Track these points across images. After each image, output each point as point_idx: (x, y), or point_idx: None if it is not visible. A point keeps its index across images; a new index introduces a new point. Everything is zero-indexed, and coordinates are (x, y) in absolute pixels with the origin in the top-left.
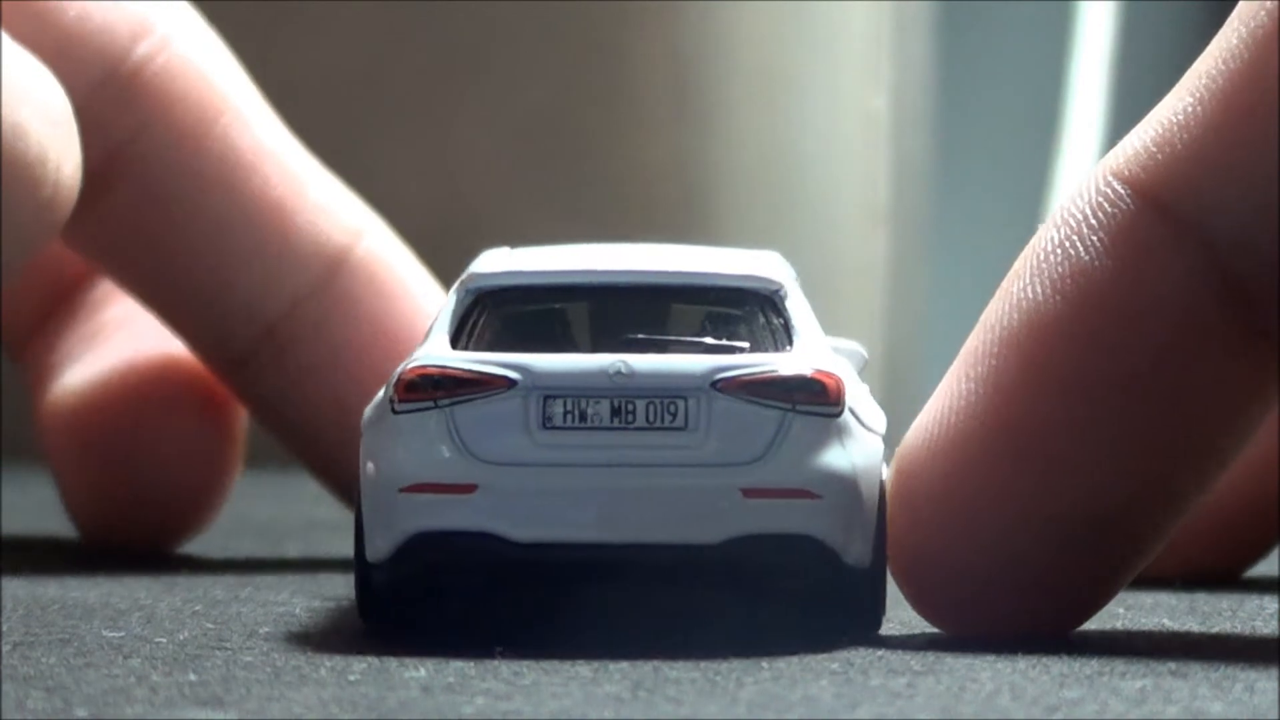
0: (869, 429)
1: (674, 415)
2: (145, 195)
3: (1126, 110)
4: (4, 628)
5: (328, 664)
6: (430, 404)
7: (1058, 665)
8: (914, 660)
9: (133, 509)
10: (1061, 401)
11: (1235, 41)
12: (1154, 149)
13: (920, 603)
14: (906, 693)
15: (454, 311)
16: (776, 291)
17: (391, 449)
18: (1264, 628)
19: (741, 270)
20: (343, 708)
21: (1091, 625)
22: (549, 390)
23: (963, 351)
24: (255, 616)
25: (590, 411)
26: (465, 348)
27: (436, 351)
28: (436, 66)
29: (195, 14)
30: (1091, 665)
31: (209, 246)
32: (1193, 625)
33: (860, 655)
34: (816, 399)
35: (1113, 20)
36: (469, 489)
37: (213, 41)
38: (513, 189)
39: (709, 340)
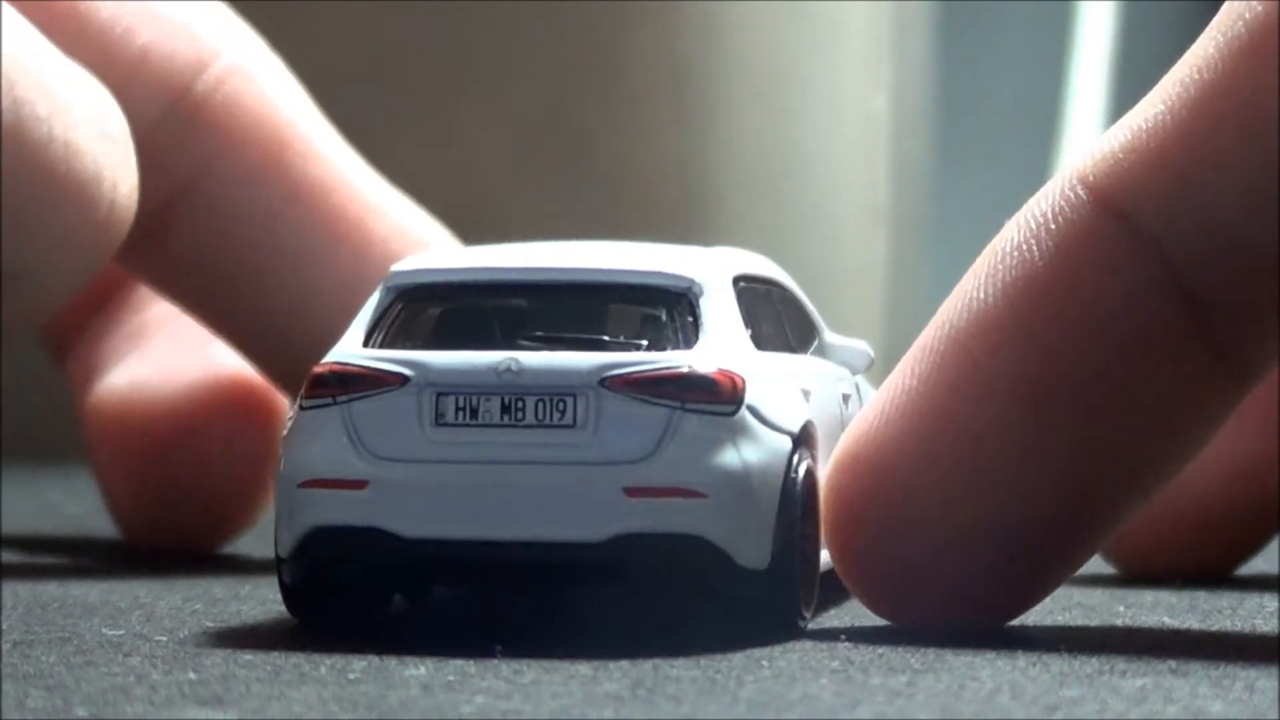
0: (773, 428)
1: (562, 413)
2: (216, 230)
3: (1126, 110)
4: (4, 626)
5: (327, 662)
6: (330, 400)
7: (1058, 664)
8: (914, 658)
9: (176, 510)
10: (1002, 406)
11: (1211, 50)
12: (1120, 154)
13: (860, 592)
14: (906, 691)
15: (374, 309)
16: (689, 289)
17: (295, 445)
18: (1264, 626)
19: (653, 268)
20: (343, 706)
21: (1091, 623)
22: (441, 387)
23: (913, 347)
24: (255, 615)
25: (482, 409)
26: (378, 344)
27: (345, 348)
28: (437, 67)
29: (257, 40)
30: (1091, 664)
31: (283, 280)
32: (1193, 624)
33: (860, 653)
34: (707, 397)
35: (1113, 20)
36: (360, 485)
37: (277, 67)
38: (513, 189)
39: (602, 337)
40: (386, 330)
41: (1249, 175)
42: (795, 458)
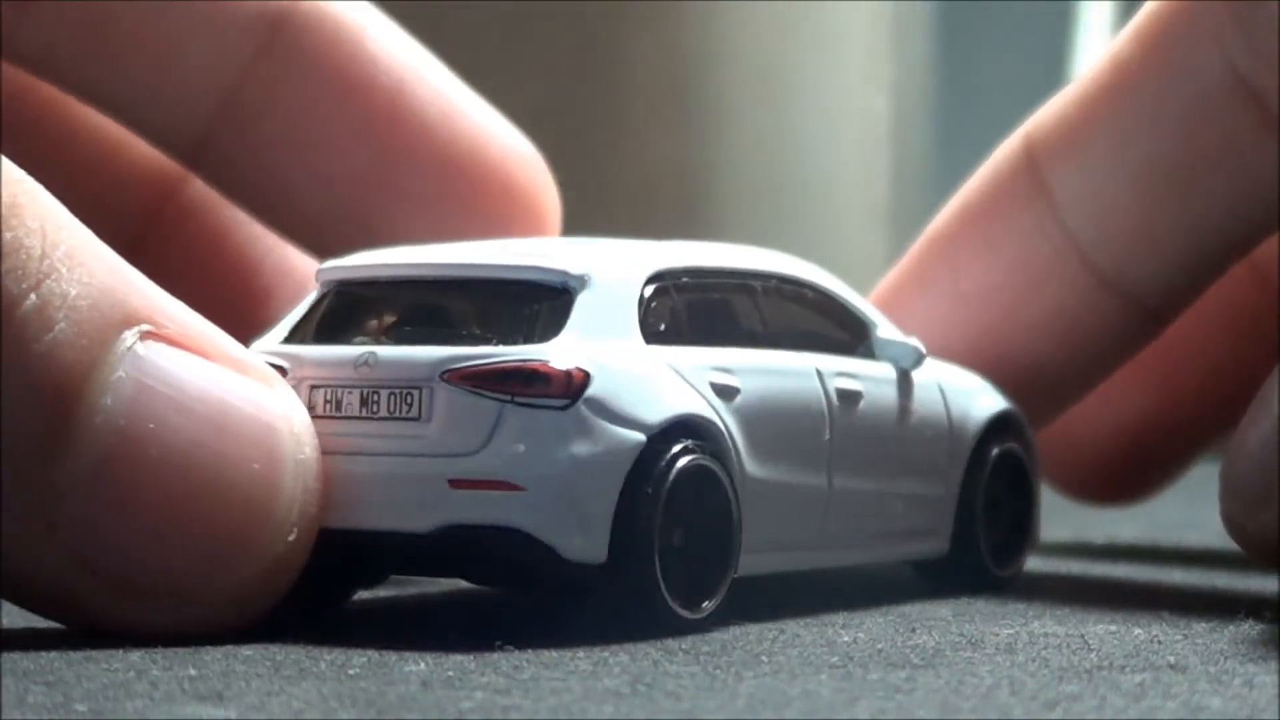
0: (621, 422)
1: (410, 405)
2: None
3: None
4: (4, 622)
5: (327, 658)
6: None
7: (1057, 659)
8: (913, 654)
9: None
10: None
11: (1119, 39)
12: (1044, 117)
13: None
14: (906, 687)
15: (307, 304)
16: (565, 284)
17: None
18: (1263, 623)
19: (533, 263)
20: (342, 702)
21: (1090, 620)
22: (313, 380)
23: None
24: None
25: (344, 401)
26: (300, 339)
27: (260, 341)
28: None
29: None
30: (1090, 660)
31: (143, 29)
32: (1192, 620)
33: (860, 649)
34: (537, 391)
35: (1113, 20)
36: None
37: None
38: None
39: (458, 331)
40: (306, 324)
41: (1119, 138)
42: (663, 452)
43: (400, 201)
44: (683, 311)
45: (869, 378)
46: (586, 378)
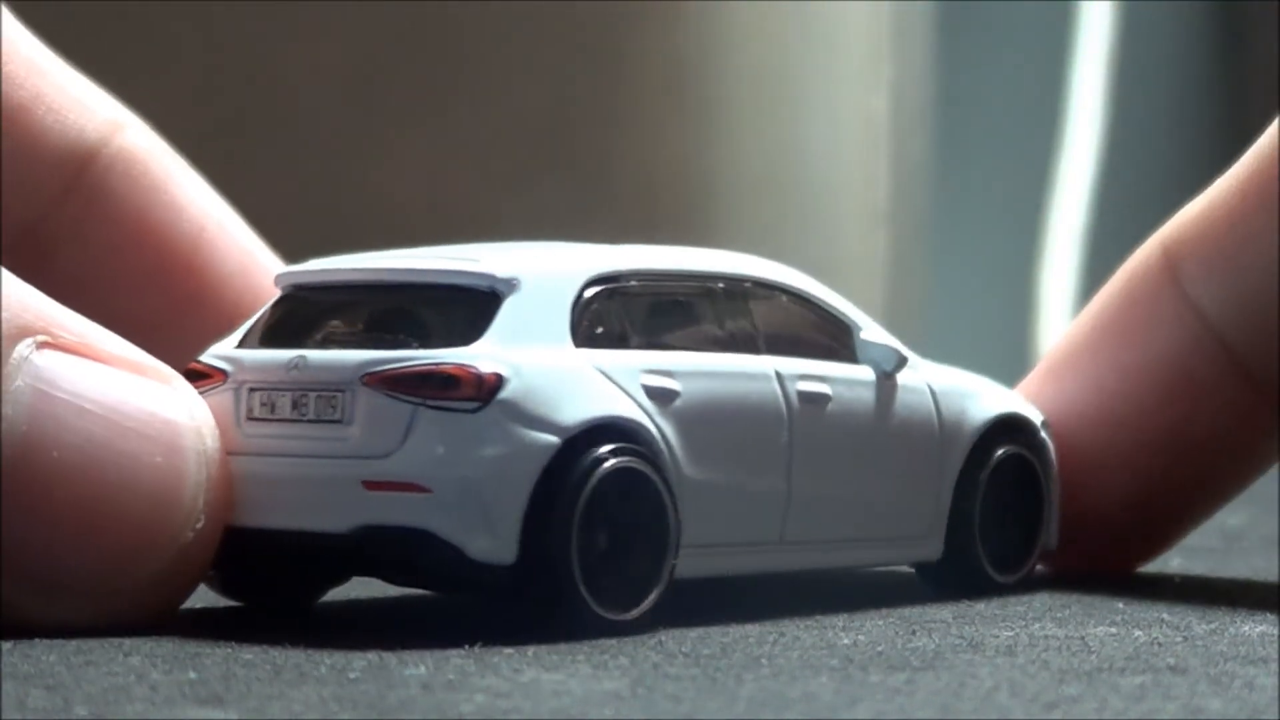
0: (534, 426)
1: (334, 408)
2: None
3: (1126, 110)
4: (4, 625)
5: (327, 661)
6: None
7: (1057, 661)
8: (913, 657)
9: None
10: (1081, 421)
11: (1264, 139)
12: (1183, 223)
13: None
14: (906, 689)
15: (264, 309)
16: (492, 288)
17: None
18: (1263, 624)
19: (463, 268)
20: (343, 705)
21: (1090, 622)
22: (251, 383)
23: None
24: (254, 614)
25: (278, 403)
26: (250, 344)
27: (216, 345)
28: (436, 67)
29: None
30: (1090, 661)
31: None
32: (1192, 621)
33: (860, 652)
34: (447, 394)
35: (1113, 20)
36: None
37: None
38: (513, 190)
39: (382, 335)
40: (258, 328)
41: (1272, 249)
42: (582, 454)
43: (191, 348)
44: (626, 315)
45: (841, 380)
46: (499, 381)
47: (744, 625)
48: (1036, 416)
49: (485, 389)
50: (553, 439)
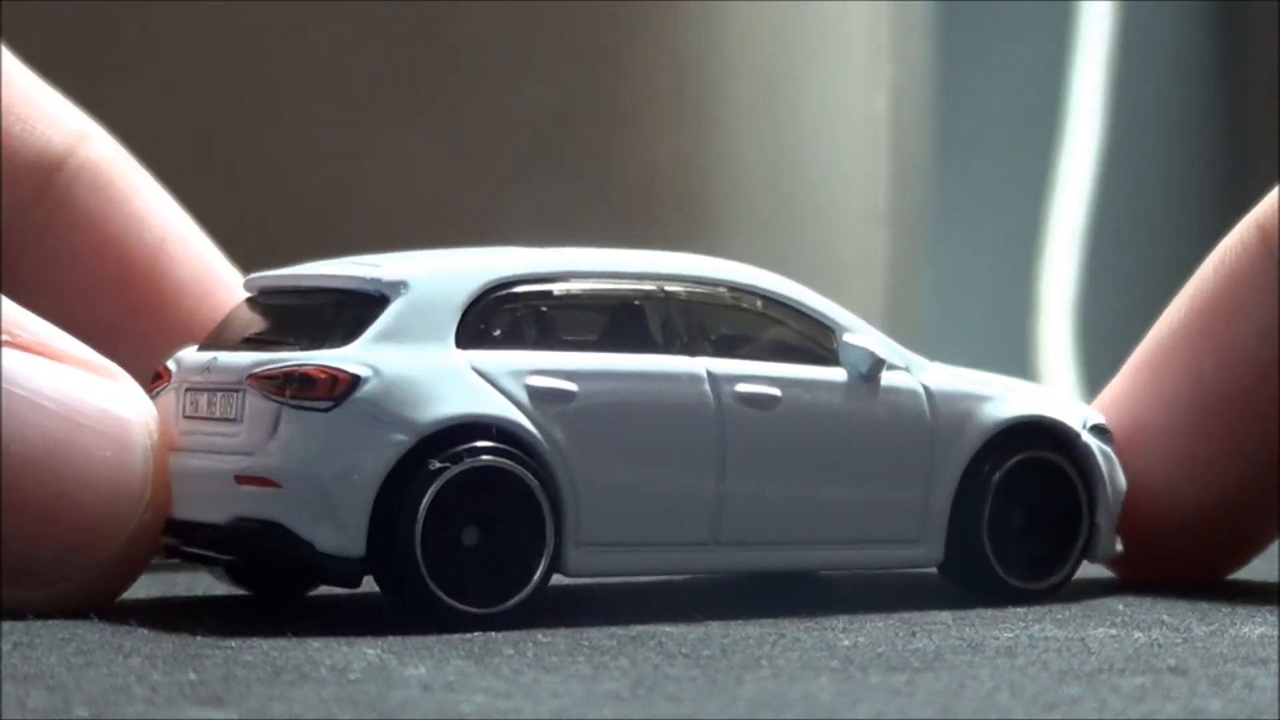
0: (386, 425)
1: (231, 407)
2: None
3: (1126, 110)
4: (4, 626)
5: (328, 662)
6: (153, 395)
7: (1057, 662)
8: (913, 658)
9: None
10: (1173, 414)
11: None
12: (1276, 195)
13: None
14: (906, 690)
15: (230, 311)
16: (379, 292)
17: None
18: (1263, 625)
19: (354, 272)
20: (343, 706)
21: (1090, 622)
22: (187, 383)
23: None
24: (255, 615)
25: (200, 402)
26: (208, 346)
27: (186, 348)
28: (436, 68)
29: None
30: (1091, 662)
31: None
32: (1192, 622)
33: (860, 653)
34: (305, 394)
35: (1113, 20)
36: None
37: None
38: (513, 191)
39: (275, 340)
40: (215, 330)
41: None
42: (439, 452)
43: (148, 353)
44: (533, 319)
45: (798, 381)
46: (355, 381)
47: (744, 626)
48: (1077, 421)
49: (339, 388)
50: (403, 437)
